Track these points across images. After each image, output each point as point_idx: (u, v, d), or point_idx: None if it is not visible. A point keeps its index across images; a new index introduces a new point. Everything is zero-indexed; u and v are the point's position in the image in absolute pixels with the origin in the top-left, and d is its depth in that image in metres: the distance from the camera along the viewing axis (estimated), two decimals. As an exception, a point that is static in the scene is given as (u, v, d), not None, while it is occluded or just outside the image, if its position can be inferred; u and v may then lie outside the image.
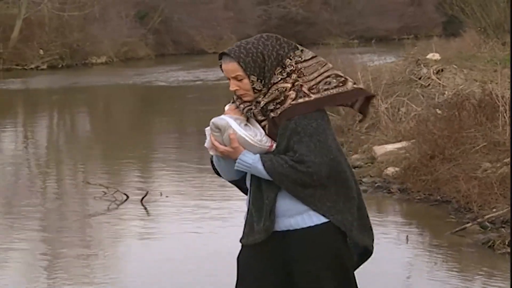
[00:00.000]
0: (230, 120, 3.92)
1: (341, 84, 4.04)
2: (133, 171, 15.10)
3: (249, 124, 3.96)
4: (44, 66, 42.95)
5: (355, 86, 4.12)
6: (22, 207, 12.10)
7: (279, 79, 3.97)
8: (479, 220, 10.07)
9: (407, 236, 10.07)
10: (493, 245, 9.23)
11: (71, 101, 30.10)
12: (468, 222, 10.13)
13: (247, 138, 3.88)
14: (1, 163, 16.30)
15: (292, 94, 3.93)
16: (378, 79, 16.86)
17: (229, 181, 4.18)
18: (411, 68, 18.00)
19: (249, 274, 4.00)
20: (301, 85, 3.97)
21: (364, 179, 13.05)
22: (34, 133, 22.22)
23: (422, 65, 17.85)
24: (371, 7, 64.66)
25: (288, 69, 3.98)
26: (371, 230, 4.19)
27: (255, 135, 3.91)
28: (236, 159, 3.91)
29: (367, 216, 4.18)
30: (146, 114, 25.52)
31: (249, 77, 3.95)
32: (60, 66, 43.61)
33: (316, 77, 4.02)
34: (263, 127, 3.97)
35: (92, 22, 46.82)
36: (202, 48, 54.37)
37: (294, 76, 3.98)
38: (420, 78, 17.18)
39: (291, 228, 3.94)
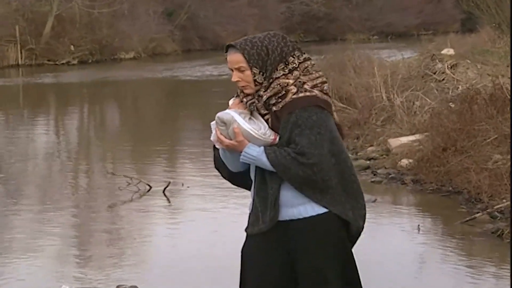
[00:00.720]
0: (234, 114, 3.94)
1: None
2: (157, 163, 15.17)
3: (253, 118, 3.98)
4: (75, 61, 43.14)
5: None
6: (53, 196, 12.27)
7: (281, 74, 3.98)
8: (488, 210, 10.07)
9: (418, 225, 10.09)
10: (502, 234, 9.23)
11: (100, 94, 30.28)
12: (478, 212, 10.14)
13: (251, 132, 3.90)
14: (34, 153, 16.51)
15: (293, 89, 3.95)
16: (395, 74, 16.81)
17: (230, 181, 4.21)
18: (426, 63, 17.92)
19: (254, 265, 4.00)
20: (303, 82, 3.99)
21: (379, 171, 13.07)
22: (65, 125, 22.39)
23: (437, 60, 17.80)
24: (391, 4, 64.42)
25: (290, 66, 4.00)
26: (364, 209, 4.14)
27: (259, 129, 3.93)
28: (241, 152, 3.94)
29: (362, 197, 4.15)
30: (172, 107, 25.61)
31: (251, 69, 3.97)
32: (90, 61, 43.79)
33: (317, 77, 4.05)
34: (266, 121, 3.98)
35: (120, 19, 46.93)
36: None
37: (296, 73, 4.00)
38: (435, 73, 17.12)
39: (294, 218, 3.95)
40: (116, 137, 19.45)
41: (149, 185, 12.07)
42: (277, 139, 3.96)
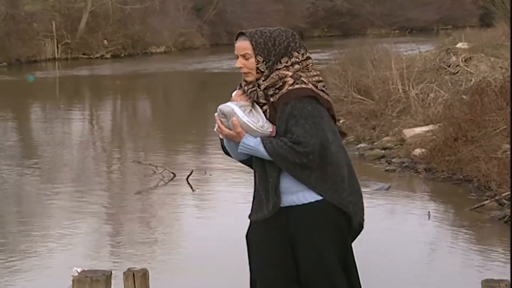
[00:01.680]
0: (235, 107, 3.97)
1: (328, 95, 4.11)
2: (183, 151, 15.28)
3: (253, 111, 4.00)
4: (108, 55, 43.33)
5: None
6: (85, 181, 12.48)
7: (283, 66, 4.00)
8: (497, 197, 10.08)
9: (428, 212, 10.12)
10: (509, 220, 9.24)
11: (132, 86, 30.47)
12: (486, 199, 10.15)
13: (249, 124, 3.92)
14: (69, 141, 16.73)
15: (290, 80, 3.96)
16: (411, 67, 16.78)
17: (244, 164, 4.20)
18: (442, 56, 17.88)
19: (258, 249, 4.04)
20: (301, 76, 4.00)
21: (393, 160, 13.08)
22: (98, 115, 22.57)
23: (451, 54, 17.74)
24: (411, 0, 64.18)
25: (293, 59, 4.02)
26: (363, 204, 4.13)
27: (257, 121, 3.95)
28: (239, 143, 3.96)
29: (360, 191, 4.12)
30: (200, 99, 25.70)
31: (255, 57, 3.99)
32: (122, 55, 43.96)
33: (315, 75, 4.05)
34: (264, 112, 4.00)
35: (152, 15, 47.05)
36: (254, 38, 54.49)
37: (297, 66, 4.02)
38: (449, 66, 17.09)
39: (293, 204, 3.96)
40: (146, 127, 19.60)
41: (173, 173, 12.17)
42: (275, 132, 3.96)
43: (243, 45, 4.04)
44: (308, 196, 3.94)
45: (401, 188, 11.67)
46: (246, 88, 4.04)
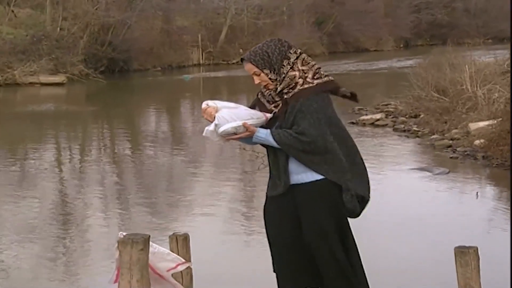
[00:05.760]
0: (230, 124, 3.98)
1: (328, 76, 4.12)
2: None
3: (242, 110, 4.02)
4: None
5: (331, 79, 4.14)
6: (222, 164, 12.67)
7: (288, 68, 4.04)
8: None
9: (477, 192, 9.92)
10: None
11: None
12: (531, 182, 9.88)
13: (251, 121, 3.96)
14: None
15: (300, 81, 4.01)
16: (482, 70, 16.31)
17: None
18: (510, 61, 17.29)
19: (272, 220, 4.11)
20: (306, 74, 4.03)
21: (458, 149, 12.85)
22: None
23: (517, 59, 17.13)
24: (503, 13, 61.93)
25: (292, 59, 4.05)
26: (368, 182, 4.11)
27: (250, 118, 3.98)
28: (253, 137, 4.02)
29: (365, 171, 4.11)
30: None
31: (263, 71, 4.04)
32: (254, 61, 44.25)
33: (314, 65, 4.09)
34: (276, 106, 4.05)
35: (280, 27, 47.23)
36: (366, 47, 53.91)
37: (299, 63, 4.05)
38: (515, 70, 16.52)
39: (298, 182, 4.01)
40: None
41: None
42: (268, 116, 4.03)
43: (248, 67, 4.09)
44: (310, 176, 3.99)
45: (459, 173, 11.46)
46: (266, 92, 4.12)
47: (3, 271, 7.24)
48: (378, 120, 16.82)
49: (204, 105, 4.10)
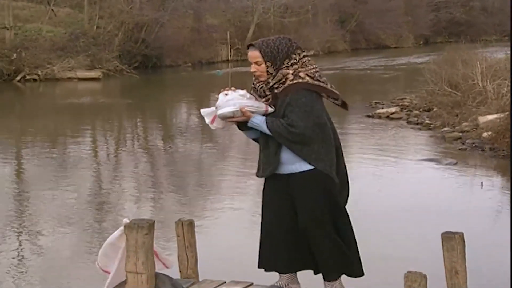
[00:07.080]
0: (227, 108, 4.05)
1: (327, 82, 4.15)
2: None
3: (250, 97, 4.11)
4: (268, 58, 43.78)
5: (333, 89, 4.16)
6: (249, 155, 12.51)
7: (285, 66, 4.10)
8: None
9: (481, 182, 10.05)
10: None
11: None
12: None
13: (250, 109, 4.08)
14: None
15: (291, 77, 4.07)
16: (493, 66, 16.38)
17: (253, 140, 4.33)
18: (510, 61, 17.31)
19: (270, 203, 4.22)
20: (299, 72, 4.09)
21: (467, 141, 12.97)
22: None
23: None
24: (520, 12, 61.41)
25: (292, 61, 4.11)
26: (348, 185, 4.22)
27: (254, 104, 4.07)
28: (248, 121, 4.10)
29: (345, 176, 4.21)
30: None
31: (265, 63, 4.08)
32: (280, 57, 44.32)
33: (311, 69, 4.14)
34: (268, 100, 4.12)
35: (305, 26, 47.31)
36: (386, 44, 53.77)
37: (296, 66, 4.10)
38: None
39: (292, 172, 4.09)
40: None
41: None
42: (269, 109, 4.11)
43: (254, 54, 4.09)
44: (303, 166, 4.07)
45: (467, 163, 11.60)
46: (257, 84, 4.17)
47: (42, 252, 7.52)
48: (393, 113, 16.99)
49: (222, 95, 4.15)
